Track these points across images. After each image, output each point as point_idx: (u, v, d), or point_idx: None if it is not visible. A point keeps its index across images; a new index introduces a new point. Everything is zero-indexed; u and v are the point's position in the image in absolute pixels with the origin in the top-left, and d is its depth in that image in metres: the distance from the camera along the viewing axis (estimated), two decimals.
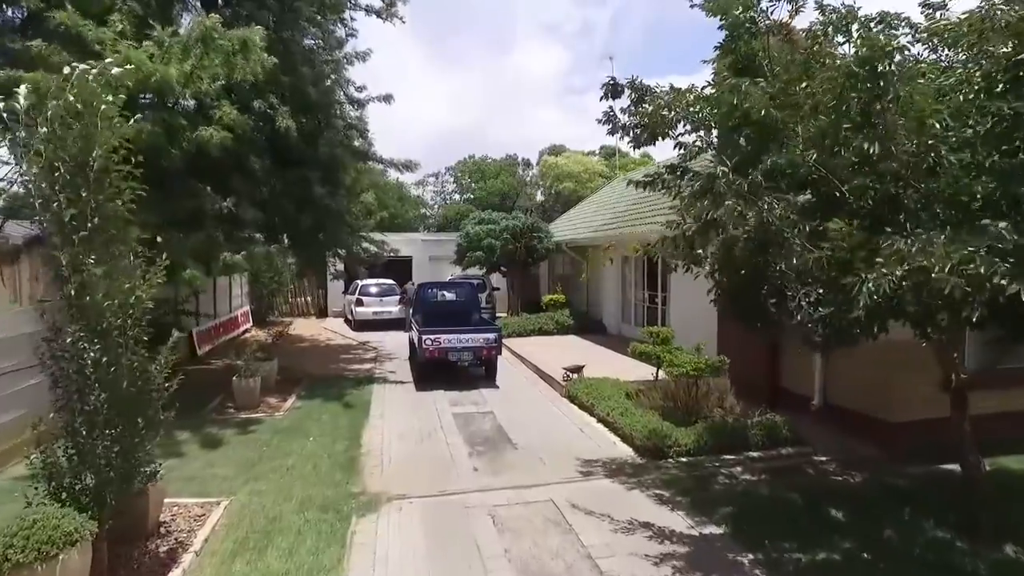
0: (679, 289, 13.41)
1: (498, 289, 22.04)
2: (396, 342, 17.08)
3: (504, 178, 43.42)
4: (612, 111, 6.72)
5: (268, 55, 8.44)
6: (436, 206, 47.05)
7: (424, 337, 11.07)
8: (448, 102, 69.54)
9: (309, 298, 24.42)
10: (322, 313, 24.25)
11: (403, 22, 12.49)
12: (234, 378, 9.76)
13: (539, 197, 43.08)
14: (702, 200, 4.66)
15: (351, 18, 12.24)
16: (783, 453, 7.75)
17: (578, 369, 11.02)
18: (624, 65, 76.22)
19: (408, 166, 12.02)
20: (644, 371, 11.60)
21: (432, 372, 11.67)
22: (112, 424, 4.59)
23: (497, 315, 20.68)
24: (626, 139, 6.66)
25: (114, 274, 4.81)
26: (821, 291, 4.58)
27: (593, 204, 24.03)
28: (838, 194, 4.57)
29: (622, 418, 8.48)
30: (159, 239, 5.86)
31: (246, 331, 19.42)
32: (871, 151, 3.98)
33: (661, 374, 10.03)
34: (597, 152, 43.26)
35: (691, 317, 12.66)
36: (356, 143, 11.93)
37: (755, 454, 7.71)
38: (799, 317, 4.56)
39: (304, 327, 21.09)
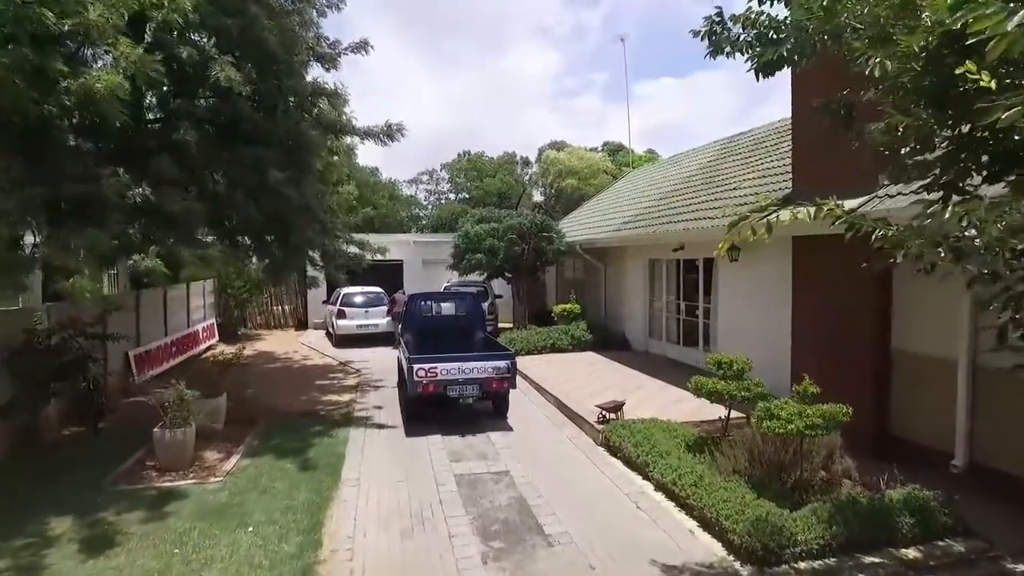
0: (731, 297, 10.91)
1: (500, 296, 19.48)
2: (383, 362, 14.47)
3: (502, 176, 40.88)
4: (720, 16, 4.30)
5: None
6: (430, 206, 44.45)
7: (415, 367, 8.49)
8: (441, 105, 67.53)
9: (287, 307, 21.74)
10: (301, 325, 21.57)
11: None
12: (155, 430, 7.13)
13: (538, 197, 40.59)
14: None
15: None
16: (952, 551, 5.22)
17: (617, 408, 8.48)
18: (615, 66, 74.58)
19: (390, 133, 9.41)
20: (693, 405, 9.14)
21: (426, 409, 9.11)
22: None
23: (499, 325, 18.13)
24: (741, 58, 4.26)
25: None
26: None
27: (604, 201, 21.56)
28: None
29: (697, 491, 5.95)
30: None
31: (210, 348, 16.74)
32: None
33: (725, 410, 7.56)
34: (600, 148, 40.83)
35: (749, 333, 10.18)
36: (331, 114, 9.29)
37: (909, 553, 5.18)
38: None
39: (279, 342, 18.44)
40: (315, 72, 10.25)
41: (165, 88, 8.24)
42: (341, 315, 17.09)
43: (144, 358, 11.86)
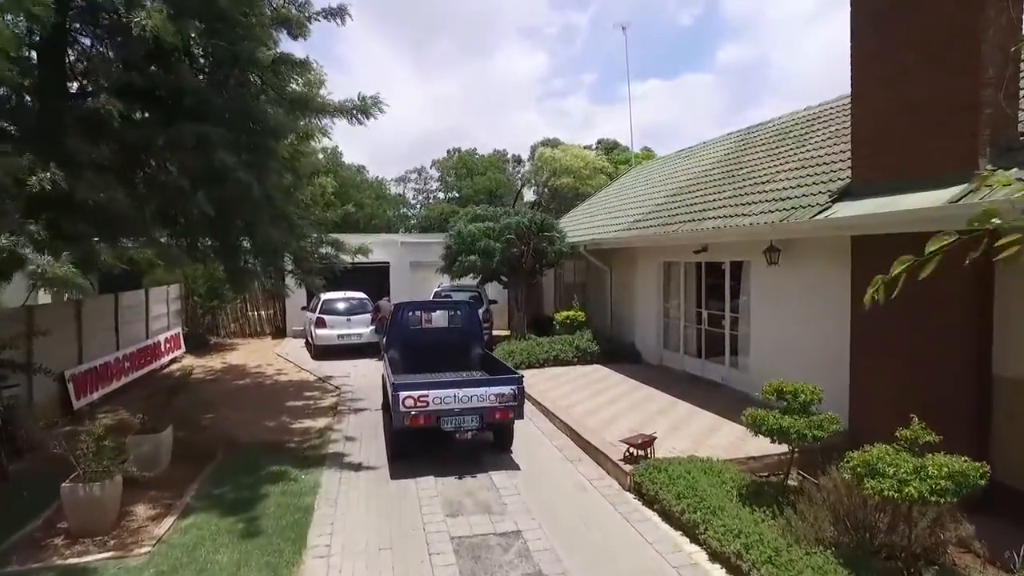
0: (767, 305, 9.47)
1: (495, 302, 17.97)
2: (367, 378, 12.93)
3: (493, 175, 39.35)
4: None
5: None
6: (418, 205, 42.84)
7: (402, 395, 6.95)
8: (427, 108, 66.06)
9: (263, 313, 20.05)
10: (279, 332, 19.91)
11: None
12: (64, 485, 5.54)
13: (530, 196, 39.11)
14: None
15: None
16: None
17: (647, 443, 7.00)
18: (603, 69, 73.44)
19: (364, 109, 7.74)
20: (730, 433, 7.81)
21: (414, 443, 7.61)
22: None
23: (495, 334, 16.61)
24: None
25: None
26: None
27: (608, 199, 20.14)
28: None
29: (776, 571, 4.49)
30: None
31: (174, 360, 15.10)
32: None
33: (777, 446, 6.13)
34: (595, 146, 39.46)
35: (790, 347, 8.80)
36: (298, 90, 7.67)
37: None
38: None
39: (252, 353, 16.78)
40: (285, 47, 8.72)
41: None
42: (320, 324, 15.46)
43: (87, 378, 10.20)
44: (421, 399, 7.00)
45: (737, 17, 75.00)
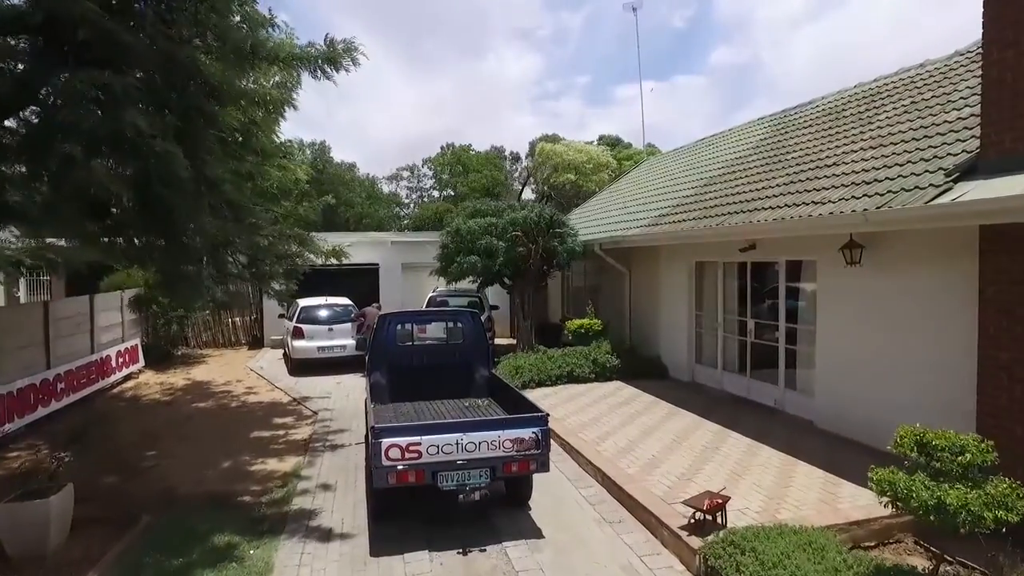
0: (842, 312, 7.64)
1: (496, 308, 16.13)
2: (349, 400, 11.05)
3: (489, 173, 37.49)
4: None
5: None
6: (412, 204, 40.92)
7: (384, 442, 5.07)
8: (422, 108, 64.29)
9: (238, 320, 18.09)
10: (256, 342, 17.96)
11: None
12: None
13: (528, 195, 37.28)
14: None
15: None
16: None
17: (718, 507, 5.16)
18: (597, 70, 71.78)
19: (333, 58, 5.79)
20: (813, 482, 6.00)
21: (402, 501, 5.75)
22: None
23: (496, 342, 14.74)
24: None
25: None
26: None
27: (616, 195, 18.32)
28: None
29: None
30: None
31: (130, 376, 13.15)
32: None
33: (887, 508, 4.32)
34: (595, 142, 37.65)
35: (874, 367, 7.01)
36: (242, 32, 5.75)
37: None
38: None
39: (223, 367, 14.83)
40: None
41: None
42: (298, 334, 13.52)
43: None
44: (411, 448, 5.12)
45: (729, 19, 73.67)
